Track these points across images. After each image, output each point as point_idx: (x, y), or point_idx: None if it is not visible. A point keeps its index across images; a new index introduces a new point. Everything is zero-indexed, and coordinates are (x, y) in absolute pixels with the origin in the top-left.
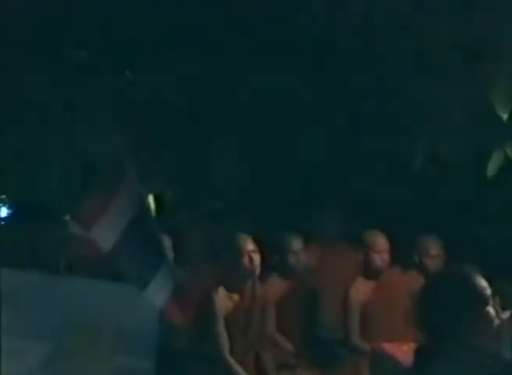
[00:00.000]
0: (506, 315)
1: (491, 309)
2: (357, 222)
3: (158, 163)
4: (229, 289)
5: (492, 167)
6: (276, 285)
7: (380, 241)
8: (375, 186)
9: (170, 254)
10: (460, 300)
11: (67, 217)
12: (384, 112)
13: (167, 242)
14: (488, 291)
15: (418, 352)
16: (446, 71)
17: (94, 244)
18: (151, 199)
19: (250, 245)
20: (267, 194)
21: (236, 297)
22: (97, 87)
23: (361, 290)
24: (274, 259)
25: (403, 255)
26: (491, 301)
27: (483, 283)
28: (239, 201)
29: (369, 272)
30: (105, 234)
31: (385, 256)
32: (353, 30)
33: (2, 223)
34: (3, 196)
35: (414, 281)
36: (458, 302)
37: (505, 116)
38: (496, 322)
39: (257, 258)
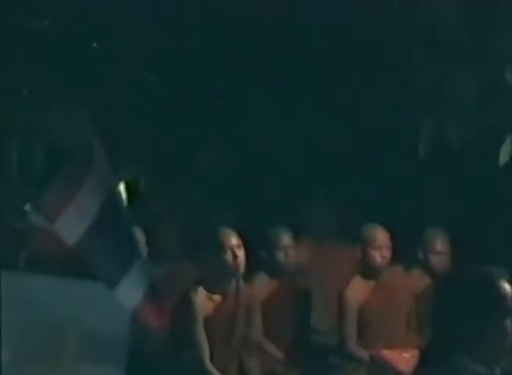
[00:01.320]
0: None
1: (509, 323)
2: (354, 214)
3: (131, 147)
4: (210, 289)
5: (504, 153)
6: (263, 285)
7: (380, 236)
8: (375, 174)
9: (144, 249)
10: (476, 307)
11: (27, 207)
12: (385, 90)
13: (140, 236)
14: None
15: (420, 360)
16: (456, 46)
17: (58, 237)
18: (122, 188)
19: (233, 240)
20: (253, 182)
21: (217, 298)
22: (62, 62)
23: (358, 290)
24: (261, 256)
25: (405, 251)
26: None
27: (507, 289)
28: (221, 191)
29: (367, 270)
30: (71, 227)
31: (386, 253)
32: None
33: None
34: None
35: (418, 281)
36: (474, 310)
37: None
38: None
39: (241, 254)
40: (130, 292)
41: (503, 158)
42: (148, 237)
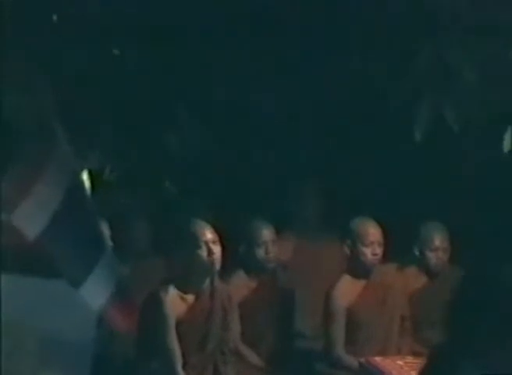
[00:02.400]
0: None
1: None
2: (342, 206)
3: (95, 133)
4: (182, 288)
5: (508, 140)
6: (241, 284)
7: (371, 231)
8: (366, 161)
9: (109, 244)
10: (488, 313)
11: None
12: (376, 66)
13: (105, 230)
14: None
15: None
16: (455, 19)
17: (16, 231)
18: (85, 177)
19: (208, 234)
20: (230, 170)
21: (190, 298)
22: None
23: (347, 290)
24: (238, 252)
25: (399, 247)
26: None
27: None
28: (195, 180)
29: (357, 268)
30: (30, 219)
31: (377, 249)
32: None
33: None
34: None
35: (413, 280)
36: (484, 315)
37: None
38: None
39: (217, 250)
40: (96, 291)
41: (506, 145)
42: (114, 232)
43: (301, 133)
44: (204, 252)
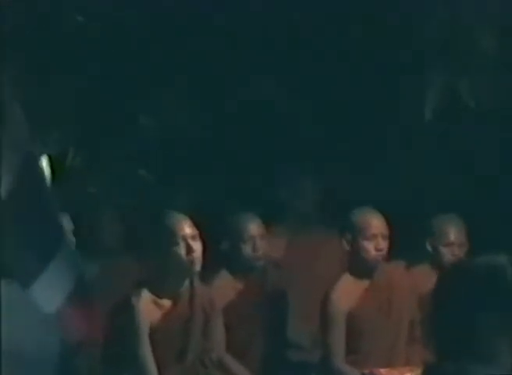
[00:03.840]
0: None
1: None
2: (341, 195)
3: (56, 111)
4: (158, 291)
5: None
6: (225, 286)
7: (374, 223)
8: (369, 142)
9: (71, 240)
10: (492, 310)
11: None
12: (385, 40)
13: (67, 224)
14: None
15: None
16: None
17: None
18: (45, 163)
19: (187, 229)
20: (212, 155)
21: (167, 303)
22: None
23: (348, 292)
24: (222, 249)
25: (408, 242)
26: None
27: None
28: (172, 166)
29: (359, 266)
30: None
31: (382, 244)
32: None
33: None
34: None
35: (425, 280)
36: (488, 313)
37: None
38: None
39: (197, 247)
40: (50, 293)
41: None
42: (77, 226)
43: (294, 112)
44: (182, 250)
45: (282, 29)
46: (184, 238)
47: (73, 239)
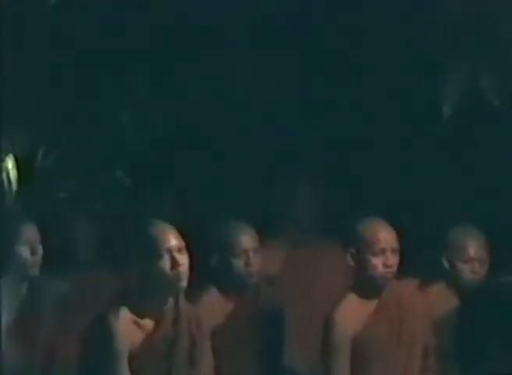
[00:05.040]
0: None
1: None
2: (345, 203)
3: (25, 107)
4: (138, 310)
5: None
6: (214, 305)
7: (382, 235)
8: (378, 144)
9: (39, 253)
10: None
11: None
12: (397, 27)
13: (33, 233)
14: None
15: None
16: None
17: None
18: (10, 164)
19: (173, 240)
20: (200, 158)
21: (149, 324)
22: None
23: (353, 314)
24: (211, 264)
25: (422, 258)
26: None
27: None
28: (155, 169)
29: (365, 285)
30: None
31: (391, 259)
32: None
33: None
34: None
35: (441, 300)
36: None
37: None
38: None
39: (184, 261)
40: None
41: None
42: (46, 235)
43: (296, 111)
44: (166, 263)
45: (278, 24)
46: (169, 250)
47: (40, 250)
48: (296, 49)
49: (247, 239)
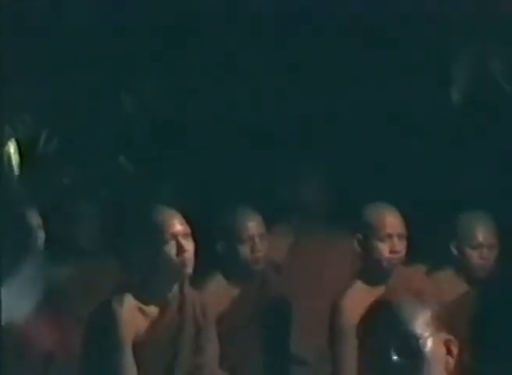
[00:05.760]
0: None
1: None
2: (353, 189)
3: (28, 90)
4: (143, 298)
5: None
6: (220, 292)
7: (388, 220)
8: (386, 130)
9: (40, 238)
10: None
11: None
12: (407, 12)
13: (35, 219)
14: None
15: None
16: None
17: None
18: (12, 149)
19: (178, 225)
20: (205, 142)
21: (153, 311)
22: None
23: (360, 301)
24: (216, 250)
25: (430, 244)
26: None
27: None
28: (159, 155)
29: (372, 271)
30: None
31: (399, 245)
32: None
33: None
34: None
35: (449, 288)
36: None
37: None
38: None
39: (189, 247)
40: (16, 299)
41: None
42: (49, 222)
43: (302, 96)
44: (172, 249)
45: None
46: (175, 236)
47: (43, 236)
48: (298, 45)
49: (253, 225)
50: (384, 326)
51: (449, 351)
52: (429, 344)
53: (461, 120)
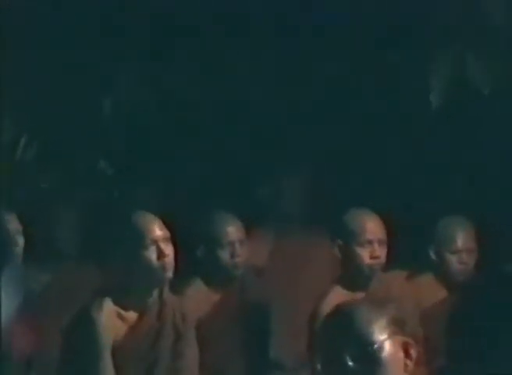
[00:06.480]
0: None
1: None
2: (332, 194)
3: (7, 94)
4: (122, 303)
5: None
6: (199, 297)
7: (368, 226)
8: (365, 135)
9: (19, 244)
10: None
11: None
12: (380, 16)
13: (14, 225)
14: None
15: None
16: None
17: None
18: None
19: (158, 230)
20: (185, 146)
21: (132, 316)
22: None
23: None
24: (196, 255)
25: (409, 249)
26: None
27: None
28: (139, 158)
29: (352, 277)
30: None
31: (378, 250)
32: None
33: None
34: None
35: (428, 292)
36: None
37: None
38: None
39: (169, 251)
40: None
41: None
42: (28, 226)
43: (279, 102)
44: (152, 254)
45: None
46: (155, 241)
47: (22, 242)
48: (288, 44)
49: (233, 230)
50: (338, 333)
51: (407, 354)
52: (386, 348)
53: (440, 124)
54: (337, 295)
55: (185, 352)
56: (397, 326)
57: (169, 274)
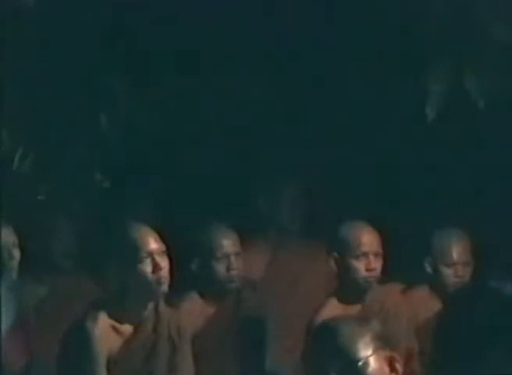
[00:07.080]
0: None
1: None
2: (328, 207)
3: (4, 106)
4: (117, 316)
5: None
6: (195, 310)
7: (364, 238)
8: (361, 147)
9: (16, 257)
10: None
11: None
12: (380, 24)
13: (9, 237)
14: None
15: None
16: None
17: None
18: None
19: (153, 243)
20: (181, 159)
21: (128, 330)
22: None
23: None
24: (191, 268)
25: (405, 262)
26: None
27: None
28: (135, 171)
29: (347, 290)
30: None
31: (374, 263)
32: None
33: None
34: None
35: (424, 305)
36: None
37: None
38: None
39: (165, 264)
40: None
41: None
42: (24, 239)
43: (278, 111)
44: (147, 267)
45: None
46: (150, 254)
47: (18, 254)
48: (283, 46)
49: (228, 243)
50: (324, 349)
51: (392, 369)
52: (371, 363)
53: (436, 137)
54: (333, 308)
55: (180, 366)
56: (381, 342)
57: (165, 287)
